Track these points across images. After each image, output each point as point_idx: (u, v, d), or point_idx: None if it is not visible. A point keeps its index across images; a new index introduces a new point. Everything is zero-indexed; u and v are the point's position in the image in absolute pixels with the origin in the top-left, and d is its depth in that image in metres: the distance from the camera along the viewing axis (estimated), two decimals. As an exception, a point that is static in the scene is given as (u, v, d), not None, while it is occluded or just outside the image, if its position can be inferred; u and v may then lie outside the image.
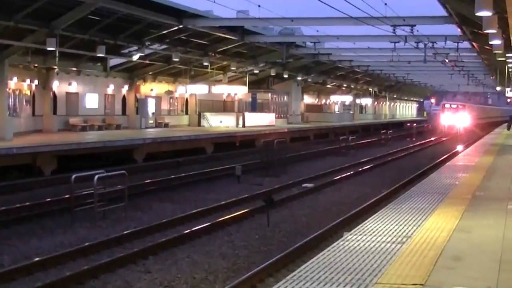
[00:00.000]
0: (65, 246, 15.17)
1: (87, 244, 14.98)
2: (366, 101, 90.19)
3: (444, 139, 62.14)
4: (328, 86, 73.17)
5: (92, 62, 39.95)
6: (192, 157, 36.21)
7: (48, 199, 20.99)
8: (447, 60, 43.88)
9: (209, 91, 51.02)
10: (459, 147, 43.36)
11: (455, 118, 72.76)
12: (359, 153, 42.31)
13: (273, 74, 53.85)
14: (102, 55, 33.84)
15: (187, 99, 52.75)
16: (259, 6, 29.41)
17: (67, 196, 20.05)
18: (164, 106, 50.18)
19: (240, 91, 55.35)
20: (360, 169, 32.71)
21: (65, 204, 19.75)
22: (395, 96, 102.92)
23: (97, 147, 30.31)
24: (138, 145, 33.51)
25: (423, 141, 58.57)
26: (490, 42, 24.07)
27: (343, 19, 30.51)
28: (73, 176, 18.62)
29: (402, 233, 10.05)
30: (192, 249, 15.02)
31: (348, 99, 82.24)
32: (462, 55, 44.05)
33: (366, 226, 10.58)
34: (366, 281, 7.35)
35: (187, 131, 43.40)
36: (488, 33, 21.52)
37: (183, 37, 37.65)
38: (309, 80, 63.63)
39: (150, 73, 46.25)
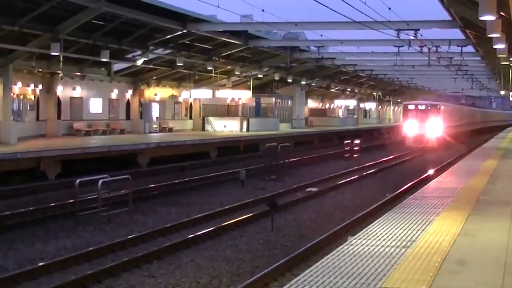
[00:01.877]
0: (69, 250, 15.19)
1: (91, 248, 14.99)
2: (370, 106, 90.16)
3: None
4: (332, 90, 73.18)
5: (96, 66, 39.99)
6: (196, 161, 36.22)
7: (52, 204, 21.00)
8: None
9: (213, 96, 51.04)
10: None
11: (425, 126, 52.18)
12: (362, 157, 42.23)
13: (277, 78, 53.87)
14: (106, 59, 33.86)
15: (191, 104, 52.77)
16: (263, 10, 29.45)
17: (71, 200, 20.09)
18: (168, 110, 50.22)
19: (244, 96, 55.36)
20: (364, 173, 32.71)
21: (69, 208, 19.78)
22: (399, 100, 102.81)
23: (101, 151, 30.33)
24: (142, 150, 33.52)
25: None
26: (494, 46, 24.03)
27: (347, 23, 30.51)
28: (77, 181, 18.65)
29: (407, 237, 10.05)
30: (197, 253, 15.02)
31: (352, 103, 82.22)
32: (466, 59, 44.02)
33: (371, 230, 10.57)
34: (371, 285, 7.35)
35: (191, 135, 43.42)
36: (492, 37, 21.49)
37: (187, 42, 37.70)
38: (313, 84, 63.64)
39: (154, 77, 46.28)
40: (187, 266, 13.84)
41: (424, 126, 52.11)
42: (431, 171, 30.82)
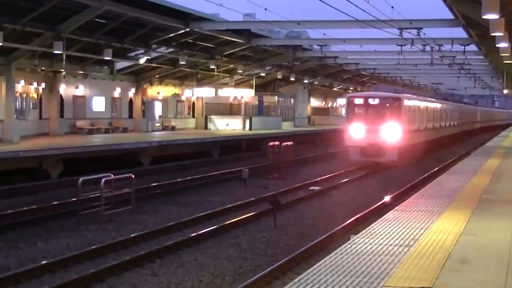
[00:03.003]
0: (72, 249, 15.17)
1: (93, 247, 14.98)
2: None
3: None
4: (334, 89, 73.17)
5: (98, 65, 40.01)
6: (198, 160, 36.22)
7: (55, 202, 21.00)
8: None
9: (215, 94, 51.06)
10: None
11: (380, 130, 35.51)
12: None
13: (279, 77, 53.87)
14: (109, 58, 33.89)
15: (193, 102, 52.78)
16: (265, 9, 29.45)
17: (73, 199, 20.09)
18: (171, 109, 50.23)
19: (246, 94, 55.37)
20: (366, 172, 32.66)
21: (72, 207, 19.77)
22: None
23: (103, 150, 30.33)
24: (144, 148, 33.52)
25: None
26: (497, 45, 24.02)
27: (350, 22, 30.50)
28: (80, 180, 18.63)
29: (410, 236, 10.03)
30: (199, 252, 15.00)
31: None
32: (468, 58, 43.97)
33: (373, 229, 10.55)
34: (374, 284, 7.33)
35: (194, 134, 43.41)
36: (495, 36, 21.47)
37: (189, 40, 37.69)
38: (316, 83, 63.62)
39: (157, 76, 46.29)
40: (190, 265, 13.82)
41: (379, 130, 35.43)
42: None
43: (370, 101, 36.44)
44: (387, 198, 21.73)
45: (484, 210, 12.49)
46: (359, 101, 37.11)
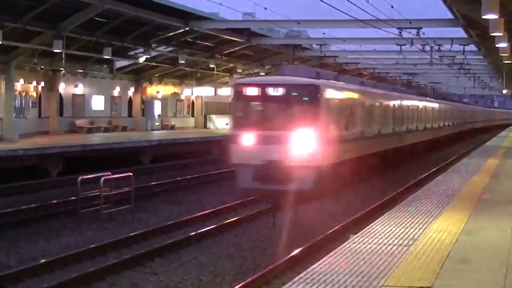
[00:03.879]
0: (72, 247, 15.19)
1: (93, 245, 15.00)
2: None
3: None
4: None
5: (98, 64, 40.04)
6: (198, 159, 36.23)
7: (55, 201, 21.02)
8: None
9: (215, 93, 51.07)
10: None
11: (287, 139, 21.34)
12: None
13: (279, 76, 53.86)
14: (109, 57, 33.91)
15: (193, 101, 52.80)
16: (265, 8, 29.51)
17: (73, 198, 20.11)
18: (170, 108, 50.25)
19: (246, 93, 55.30)
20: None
21: (72, 206, 19.79)
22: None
23: (103, 149, 30.34)
24: (144, 147, 33.54)
25: None
26: (497, 45, 24.05)
27: (350, 21, 30.52)
28: (79, 178, 18.65)
29: (409, 235, 10.06)
30: (199, 251, 15.02)
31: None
32: (468, 57, 43.99)
33: (372, 229, 10.58)
34: (373, 283, 7.36)
35: (193, 133, 43.45)
36: (494, 36, 21.50)
37: (189, 39, 37.71)
38: (315, 82, 63.55)
39: (156, 75, 46.32)
40: (190, 264, 13.84)
41: (283, 140, 21.62)
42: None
43: (270, 91, 22.11)
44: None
45: (484, 210, 12.52)
46: (252, 91, 22.56)
